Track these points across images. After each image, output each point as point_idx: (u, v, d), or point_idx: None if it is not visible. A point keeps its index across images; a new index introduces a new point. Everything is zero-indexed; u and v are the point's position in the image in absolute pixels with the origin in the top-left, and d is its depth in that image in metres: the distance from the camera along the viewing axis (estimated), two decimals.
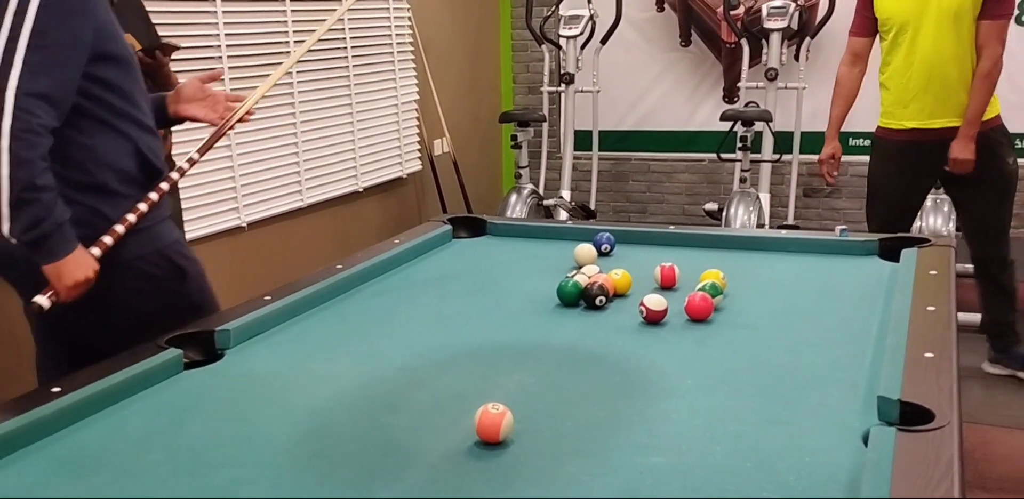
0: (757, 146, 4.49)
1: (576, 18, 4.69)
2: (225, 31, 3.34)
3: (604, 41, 4.81)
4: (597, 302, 1.87)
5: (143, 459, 1.28)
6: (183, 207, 2.86)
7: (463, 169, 4.82)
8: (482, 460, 1.25)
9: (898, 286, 1.87)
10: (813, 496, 1.13)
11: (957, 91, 3.17)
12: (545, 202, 4.65)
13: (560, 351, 1.67)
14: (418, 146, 4.67)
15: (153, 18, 2.52)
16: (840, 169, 3.58)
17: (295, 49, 3.58)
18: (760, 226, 4.23)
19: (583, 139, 5.06)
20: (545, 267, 2.15)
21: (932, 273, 1.92)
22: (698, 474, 1.20)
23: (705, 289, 1.83)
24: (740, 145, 4.32)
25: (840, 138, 3.50)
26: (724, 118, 4.34)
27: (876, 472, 1.10)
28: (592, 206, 5.04)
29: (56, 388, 1.41)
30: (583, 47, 4.78)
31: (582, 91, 4.87)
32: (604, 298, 1.87)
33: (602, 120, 5.12)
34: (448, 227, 2.45)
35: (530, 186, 4.65)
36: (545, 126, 5.03)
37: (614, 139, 5.33)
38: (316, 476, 1.22)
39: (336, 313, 1.90)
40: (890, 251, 2.15)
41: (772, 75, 4.51)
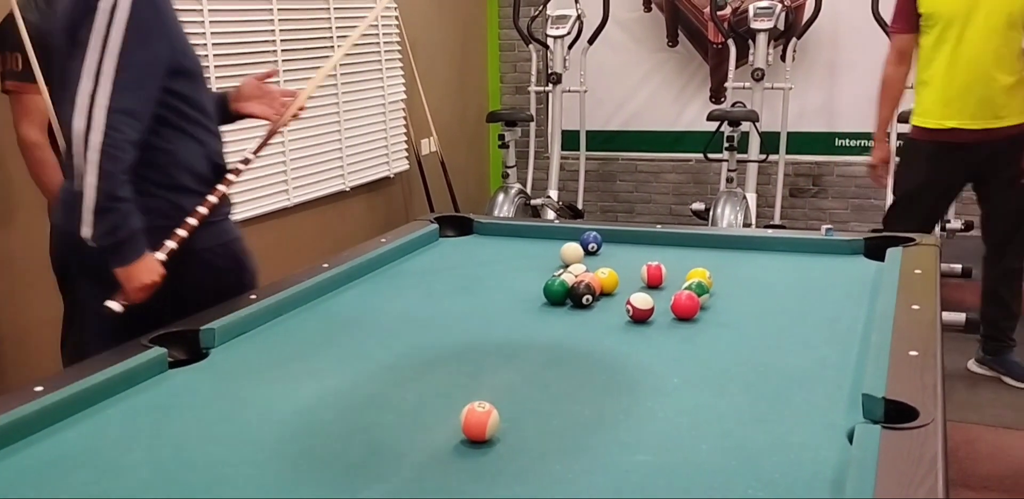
0: (744, 146, 4.50)
1: (563, 18, 4.69)
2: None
3: (591, 41, 4.82)
4: (584, 301, 1.87)
5: (126, 458, 1.28)
6: None
7: (450, 169, 4.81)
8: (468, 459, 1.25)
9: (883, 285, 1.88)
10: (798, 493, 1.13)
11: (999, 93, 3.08)
12: (532, 202, 4.65)
13: (546, 350, 1.67)
14: (405, 145, 4.66)
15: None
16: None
17: (339, 45, 3.80)
18: (747, 226, 4.24)
19: (570, 139, 5.07)
20: (532, 266, 2.15)
21: (917, 272, 1.93)
22: (684, 472, 1.20)
23: (691, 288, 1.83)
24: (727, 145, 4.33)
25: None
26: (711, 118, 4.35)
27: (861, 469, 1.11)
28: (580, 206, 5.04)
29: (38, 387, 1.40)
30: (570, 47, 4.79)
31: (569, 91, 4.87)
32: (591, 297, 1.87)
33: (589, 120, 5.13)
34: (435, 226, 2.44)
35: (517, 186, 4.65)
36: (532, 126, 5.04)
37: (601, 139, 5.34)
38: (301, 476, 1.22)
39: (322, 312, 1.89)
40: (875, 250, 2.16)
41: (759, 75, 4.53)
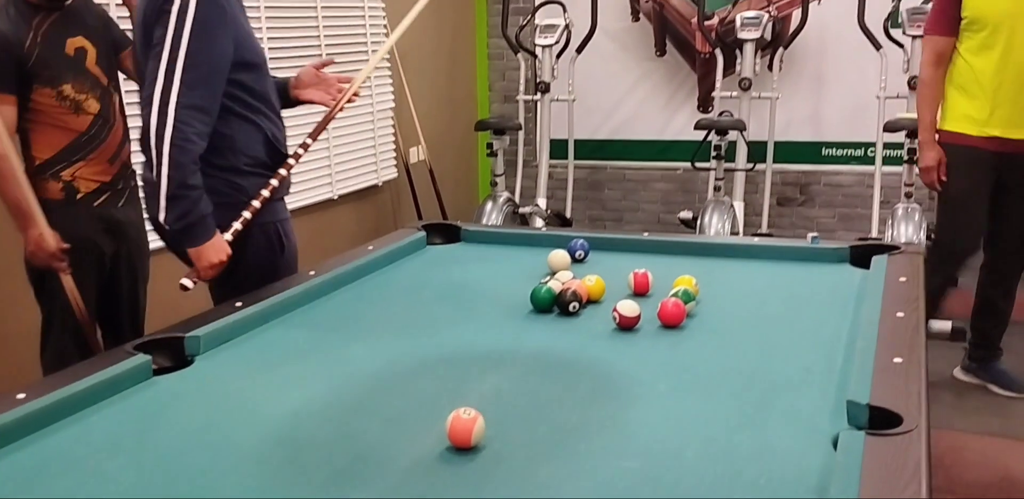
0: (731, 155, 4.52)
1: (552, 27, 4.71)
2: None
3: (579, 50, 4.84)
4: (570, 308, 1.87)
5: (109, 465, 1.27)
6: None
7: (439, 177, 4.81)
8: (454, 465, 1.25)
9: (868, 292, 1.89)
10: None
11: None
12: (521, 210, 4.66)
13: (533, 357, 1.67)
14: (394, 154, 4.67)
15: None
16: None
17: (389, 34, 4.04)
18: (734, 234, 4.25)
19: (559, 147, 5.08)
20: (519, 273, 2.15)
21: (902, 280, 1.95)
22: (670, 478, 1.20)
23: (678, 295, 1.84)
24: (714, 154, 4.35)
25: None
26: (699, 127, 4.37)
27: (845, 475, 1.11)
28: (568, 214, 5.05)
29: (21, 394, 1.39)
30: (559, 56, 4.81)
31: (558, 100, 4.89)
32: (577, 304, 1.88)
33: (578, 129, 5.14)
34: (422, 233, 2.44)
35: (506, 194, 4.66)
36: (521, 134, 5.05)
37: (590, 148, 5.36)
38: (285, 483, 1.21)
39: (308, 319, 1.89)
40: (861, 258, 2.17)
41: (746, 85, 4.55)
